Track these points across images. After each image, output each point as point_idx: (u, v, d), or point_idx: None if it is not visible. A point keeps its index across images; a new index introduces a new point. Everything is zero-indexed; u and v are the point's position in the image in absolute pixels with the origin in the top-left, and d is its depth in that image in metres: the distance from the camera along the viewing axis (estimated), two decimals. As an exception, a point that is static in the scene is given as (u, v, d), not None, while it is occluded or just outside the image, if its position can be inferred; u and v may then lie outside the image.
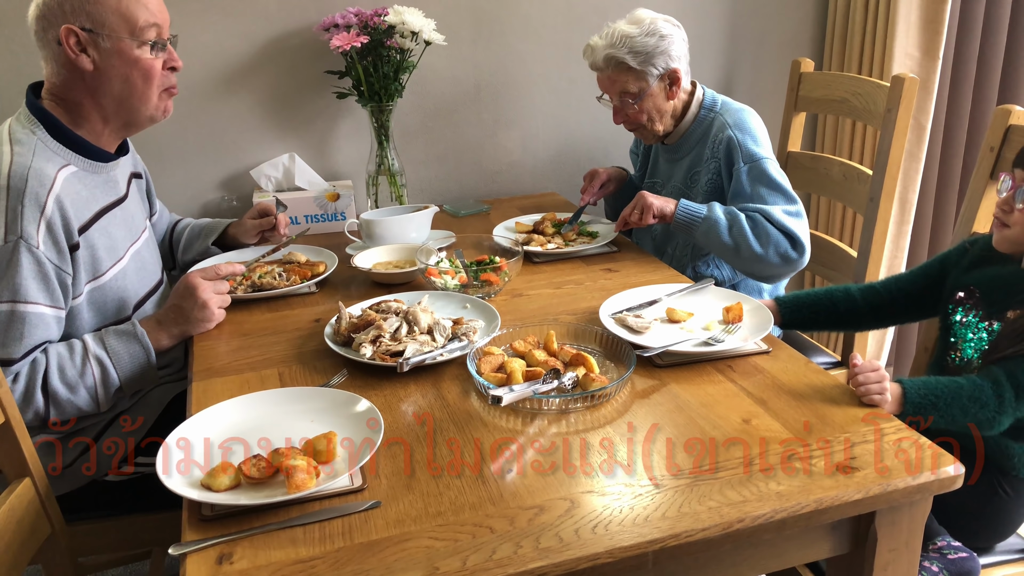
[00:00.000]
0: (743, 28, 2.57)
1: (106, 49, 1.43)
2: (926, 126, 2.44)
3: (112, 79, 1.45)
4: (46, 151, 1.42)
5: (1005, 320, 1.40)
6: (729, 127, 1.88)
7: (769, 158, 1.84)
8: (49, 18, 1.41)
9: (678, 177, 2.01)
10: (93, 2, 1.41)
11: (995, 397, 1.28)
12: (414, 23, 2.08)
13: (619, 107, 1.95)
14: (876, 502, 1.04)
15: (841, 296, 1.63)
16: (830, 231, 2.72)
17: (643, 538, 0.95)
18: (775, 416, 1.20)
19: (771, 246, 1.74)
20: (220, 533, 0.98)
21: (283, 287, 1.70)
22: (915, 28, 2.38)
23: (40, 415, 1.36)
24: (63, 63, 1.43)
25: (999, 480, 1.41)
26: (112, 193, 1.55)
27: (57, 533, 1.28)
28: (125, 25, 1.43)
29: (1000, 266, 1.46)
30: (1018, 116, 1.62)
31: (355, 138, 2.34)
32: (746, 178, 1.83)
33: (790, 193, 1.81)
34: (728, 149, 1.87)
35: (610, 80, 1.92)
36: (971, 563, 1.33)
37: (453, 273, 1.70)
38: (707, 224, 1.78)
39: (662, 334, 1.46)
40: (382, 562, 0.93)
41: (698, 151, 1.97)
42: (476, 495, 1.04)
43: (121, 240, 1.55)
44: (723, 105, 1.96)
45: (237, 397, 1.25)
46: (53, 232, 1.36)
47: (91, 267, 1.45)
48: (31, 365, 1.35)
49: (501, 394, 1.17)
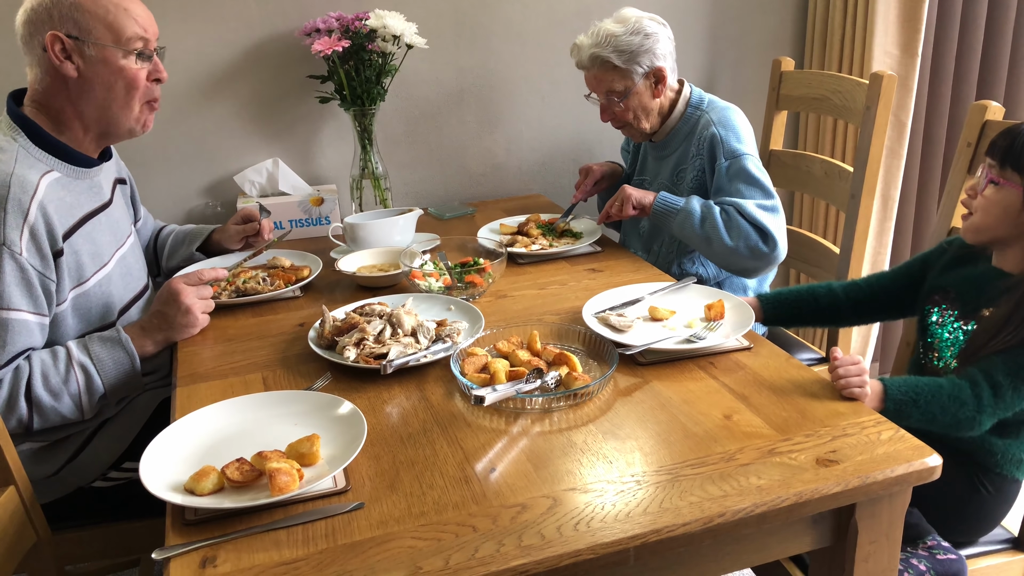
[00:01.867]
0: (724, 28, 2.58)
1: (91, 57, 1.43)
2: (906, 123, 2.46)
3: (95, 87, 1.45)
4: (28, 158, 1.42)
5: (980, 319, 1.41)
6: (714, 124, 1.90)
7: (750, 155, 1.86)
8: (36, 23, 1.41)
9: (665, 174, 2.02)
10: (80, 10, 1.41)
11: (973, 396, 1.29)
12: (395, 27, 2.08)
13: (605, 105, 1.96)
14: (855, 494, 1.05)
15: (823, 292, 1.64)
16: (813, 228, 2.74)
17: (625, 534, 0.96)
18: (756, 411, 1.21)
19: (741, 239, 1.76)
20: (204, 537, 0.98)
21: (267, 292, 1.71)
22: (894, 26, 2.40)
23: (23, 423, 1.36)
24: (47, 69, 1.43)
25: (980, 477, 1.42)
26: (96, 199, 1.55)
27: (43, 541, 1.28)
28: (111, 34, 1.43)
29: (973, 266, 1.48)
30: (994, 112, 1.64)
31: (339, 142, 2.34)
32: (726, 173, 1.84)
33: (768, 189, 1.82)
34: (711, 145, 1.88)
35: (596, 79, 1.94)
36: (959, 564, 1.34)
37: (437, 275, 1.70)
38: (682, 215, 1.81)
39: (644, 332, 1.46)
40: (365, 563, 0.93)
41: (684, 148, 1.98)
42: (459, 494, 1.05)
43: (106, 246, 1.54)
44: (710, 103, 1.97)
45: (221, 401, 1.25)
46: (36, 239, 1.36)
47: (75, 273, 1.45)
48: (14, 372, 1.35)
49: (484, 394, 1.17)
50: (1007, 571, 1.46)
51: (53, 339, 1.44)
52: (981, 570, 1.43)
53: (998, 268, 1.44)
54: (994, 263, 1.45)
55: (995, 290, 1.40)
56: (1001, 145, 1.37)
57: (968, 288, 1.47)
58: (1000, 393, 1.30)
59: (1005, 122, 1.62)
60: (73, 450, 1.51)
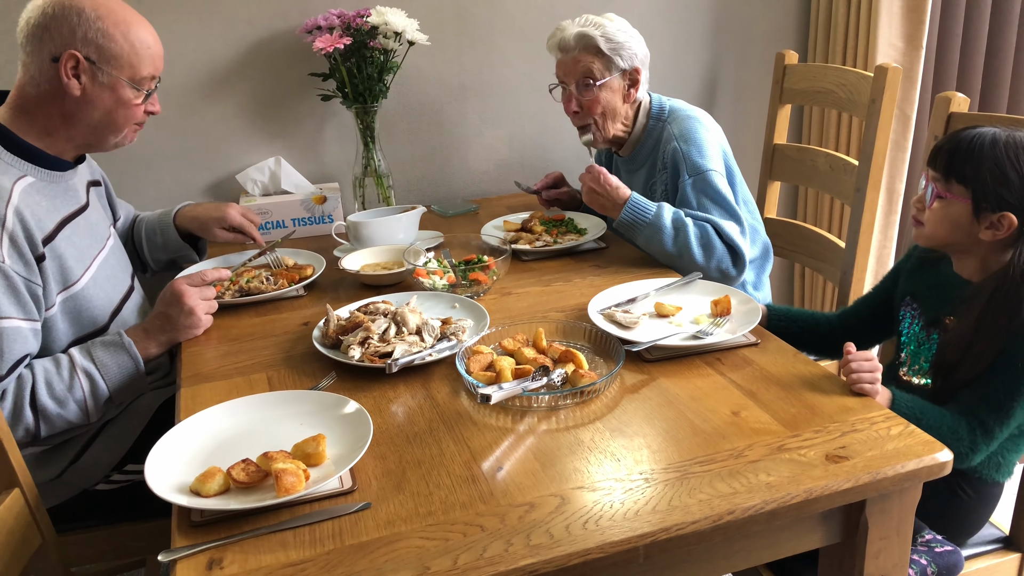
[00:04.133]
0: (727, 21, 2.57)
1: (101, 82, 1.44)
2: (911, 116, 2.45)
3: (94, 109, 1.46)
4: (0, 164, 1.40)
5: (944, 328, 1.40)
6: (675, 138, 1.86)
7: (714, 170, 1.81)
8: (53, 33, 1.40)
9: (637, 188, 1.97)
10: (108, 39, 1.42)
11: (969, 436, 1.29)
12: (397, 23, 2.07)
13: (573, 94, 1.91)
14: (866, 490, 1.04)
15: (823, 321, 1.63)
16: (818, 222, 2.73)
17: (633, 532, 0.95)
18: (764, 408, 1.20)
19: (714, 259, 1.73)
20: (210, 538, 0.98)
21: (271, 291, 1.70)
22: (898, 18, 2.38)
23: (31, 432, 1.35)
24: (48, 79, 1.42)
25: (959, 482, 1.40)
26: (73, 202, 1.53)
27: (48, 544, 1.28)
28: (128, 69, 1.45)
29: (937, 269, 1.47)
30: (958, 103, 1.62)
31: (341, 140, 2.33)
32: (691, 191, 1.80)
33: (732, 207, 1.78)
34: (674, 161, 1.85)
35: (574, 61, 1.88)
36: (956, 556, 1.33)
37: (441, 273, 1.69)
38: (651, 230, 1.75)
39: (651, 329, 1.46)
40: (373, 563, 0.93)
41: (651, 161, 1.95)
42: (466, 494, 1.04)
43: (87, 248, 1.53)
44: (671, 113, 1.93)
45: (226, 402, 1.24)
46: (17, 244, 1.34)
47: (60, 277, 1.44)
48: (17, 382, 1.34)
49: (490, 392, 1.16)
50: (1000, 571, 1.45)
51: (46, 344, 1.43)
52: (974, 572, 1.43)
53: (958, 274, 1.42)
54: (955, 268, 1.43)
55: (956, 298, 1.39)
56: (943, 157, 1.34)
57: (931, 293, 1.46)
58: (988, 431, 1.29)
59: (971, 114, 1.59)
60: (75, 453, 1.50)
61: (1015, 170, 1.28)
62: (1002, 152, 1.29)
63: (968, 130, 1.33)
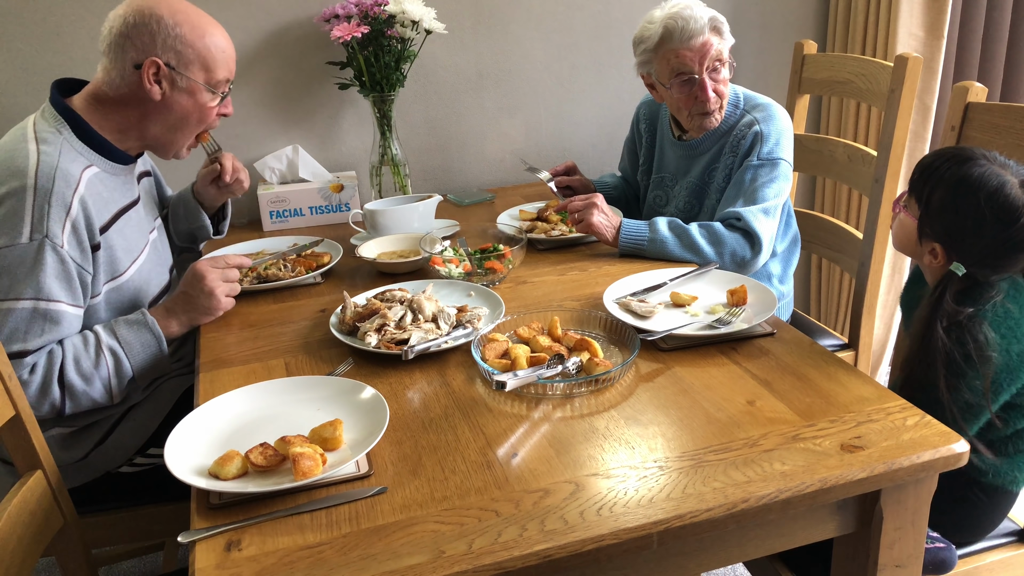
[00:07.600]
0: (746, 11, 2.55)
1: (180, 87, 1.47)
2: (931, 106, 2.43)
3: (173, 113, 1.50)
4: (71, 151, 1.43)
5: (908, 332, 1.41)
6: (759, 122, 1.83)
7: (786, 160, 1.81)
8: (135, 40, 1.43)
9: (695, 173, 1.95)
10: (185, 44, 1.45)
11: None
12: (414, 12, 2.07)
13: (710, 80, 1.81)
14: (881, 480, 1.04)
15: None
16: (836, 213, 2.71)
17: (648, 519, 0.96)
18: (780, 397, 1.20)
19: (727, 252, 1.73)
20: (228, 521, 0.99)
21: (288, 278, 1.71)
22: (919, 7, 2.36)
23: (56, 407, 1.38)
24: (129, 84, 1.45)
25: (970, 486, 1.38)
26: (129, 195, 1.57)
27: (70, 525, 1.30)
28: (205, 73, 1.49)
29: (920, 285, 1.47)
30: (976, 93, 1.60)
31: (358, 129, 2.34)
32: (755, 170, 1.79)
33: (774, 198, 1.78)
34: (752, 141, 1.82)
35: (708, 46, 1.78)
36: (946, 553, 1.32)
37: (457, 261, 1.70)
38: (653, 245, 1.75)
39: (666, 318, 1.46)
40: (389, 547, 0.94)
41: (720, 146, 1.91)
42: (481, 479, 1.05)
43: (135, 242, 1.56)
44: (747, 100, 1.90)
45: (244, 387, 1.26)
46: (77, 232, 1.38)
47: (110, 267, 1.47)
48: (47, 356, 1.36)
49: (505, 379, 1.17)
50: (1015, 563, 1.44)
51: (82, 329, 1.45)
52: (988, 565, 1.42)
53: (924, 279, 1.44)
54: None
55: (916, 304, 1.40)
56: (916, 171, 1.35)
57: (906, 296, 1.49)
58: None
59: (989, 104, 1.57)
60: (100, 435, 1.52)
61: (963, 208, 1.26)
62: (961, 187, 1.26)
63: (958, 154, 1.30)
